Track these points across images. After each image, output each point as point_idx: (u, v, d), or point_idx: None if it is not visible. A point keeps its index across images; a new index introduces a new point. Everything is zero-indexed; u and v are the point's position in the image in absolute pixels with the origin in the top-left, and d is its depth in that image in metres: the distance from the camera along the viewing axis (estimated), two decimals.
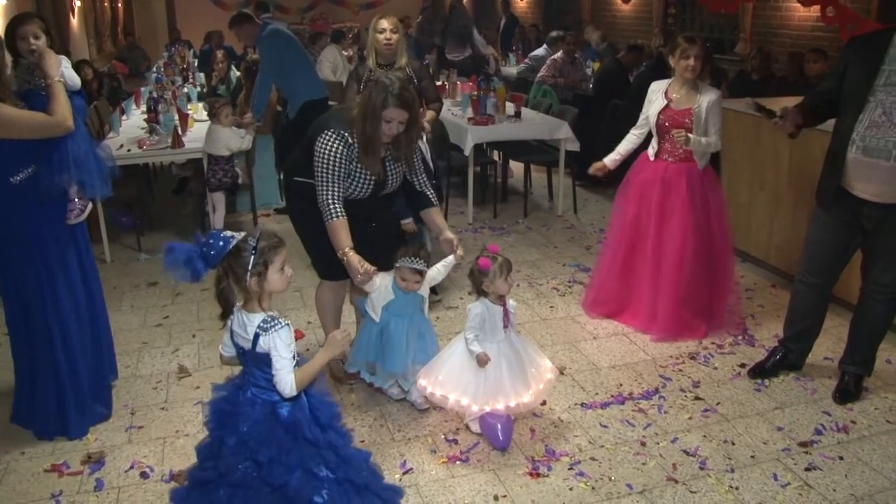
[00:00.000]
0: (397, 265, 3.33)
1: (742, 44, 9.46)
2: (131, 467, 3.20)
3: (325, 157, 3.29)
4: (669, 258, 4.22)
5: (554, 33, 9.50)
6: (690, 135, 4.05)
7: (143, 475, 3.15)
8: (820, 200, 3.57)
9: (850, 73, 3.33)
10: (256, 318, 2.39)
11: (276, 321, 2.39)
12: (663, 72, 4.46)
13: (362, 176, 3.37)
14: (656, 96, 4.24)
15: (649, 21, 11.44)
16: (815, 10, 8.05)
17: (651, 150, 4.31)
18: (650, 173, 4.28)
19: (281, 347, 2.36)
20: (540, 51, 9.61)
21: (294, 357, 2.42)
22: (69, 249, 3.35)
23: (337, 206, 3.29)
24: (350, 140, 3.30)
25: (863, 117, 3.27)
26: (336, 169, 3.29)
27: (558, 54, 8.65)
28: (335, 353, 2.54)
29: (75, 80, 3.39)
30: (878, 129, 3.24)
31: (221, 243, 2.34)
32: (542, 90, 8.09)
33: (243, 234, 2.42)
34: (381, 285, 3.37)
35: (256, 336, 2.37)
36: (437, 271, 3.46)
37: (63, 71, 3.25)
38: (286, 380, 2.37)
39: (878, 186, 3.30)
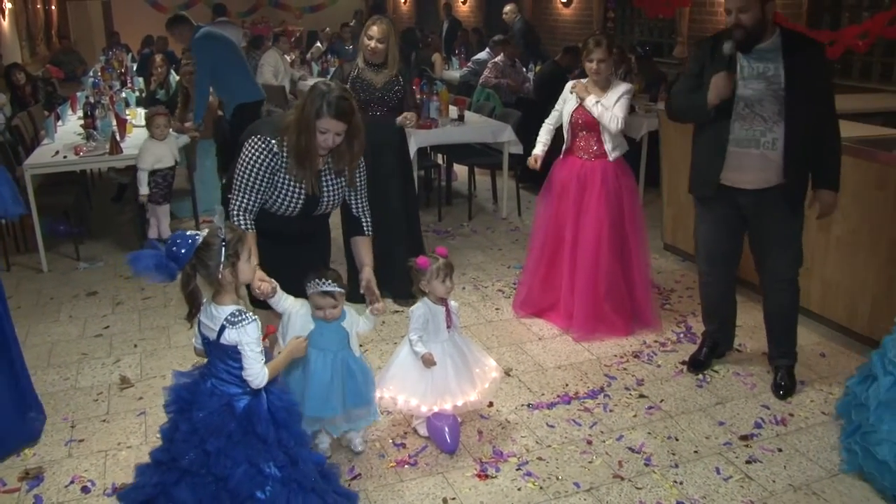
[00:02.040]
0: (308, 293, 2.99)
1: (680, 47, 9.67)
2: (72, 482, 3.12)
3: (245, 164, 3.02)
4: (585, 255, 4.31)
5: (496, 37, 9.56)
6: (588, 97, 4.17)
7: (85, 490, 3.07)
8: (700, 194, 3.72)
9: (710, 71, 3.48)
10: (225, 311, 2.42)
11: (244, 315, 2.42)
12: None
13: (290, 189, 3.07)
14: (570, 95, 4.33)
15: (590, 24, 11.60)
16: None
17: (563, 149, 4.43)
18: (566, 172, 4.40)
19: (250, 342, 2.41)
20: (482, 54, 9.66)
21: (261, 351, 2.46)
22: None
23: (244, 218, 3.03)
24: (277, 149, 3.01)
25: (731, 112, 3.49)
26: (253, 178, 3.01)
27: (499, 57, 8.73)
28: (295, 356, 2.73)
29: None
30: (745, 121, 3.47)
31: (190, 241, 2.37)
32: (485, 93, 8.14)
33: (206, 230, 2.45)
34: (293, 310, 3.02)
35: (223, 328, 2.40)
36: (363, 323, 3.16)
37: None
38: (260, 372, 2.43)
39: (751, 174, 3.51)
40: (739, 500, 3.01)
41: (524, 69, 9.28)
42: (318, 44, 12.65)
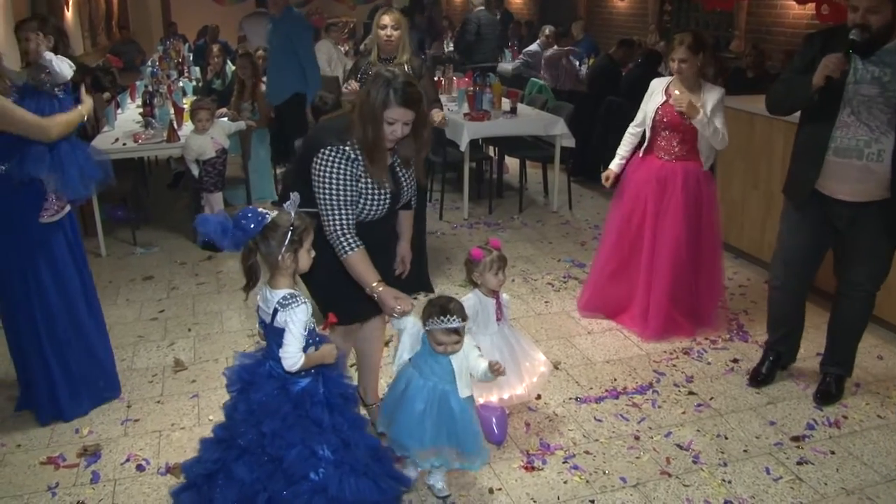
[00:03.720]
0: (427, 328, 2.77)
1: (737, 41, 9.49)
2: (127, 460, 3.21)
3: (328, 181, 2.77)
4: (663, 258, 4.21)
5: (547, 30, 9.52)
6: (699, 109, 3.92)
7: (140, 468, 3.16)
8: (793, 199, 3.54)
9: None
10: (279, 294, 2.45)
11: (296, 299, 2.45)
12: (654, 68, 4.44)
13: (376, 191, 2.86)
14: (656, 92, 4.17)
15: (645, 17, 11.46)
16: (809, 8, 8.09)
17: (643, 147, 4.28)
18: (644, 172, 4.24)
19: (295, 323, 2.42)
20: (534, 46, 9.63)
21: (304, 336, 2.46)
22: (55, 239, 3.36)
23: (350, 235, 2.79)
24: (353, 154, 2.78)
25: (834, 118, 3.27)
26: (343, 193, 2.78)
27: (552, 49, 8.70)
28: (326, 362, 2.56)
29: (63, 71, 3.35)
30: (848, 129, 3.24)
31: (260, 218, 2.40)
32: (537, 86, 8.11)
33: (276, 211, 2.47)
34: (406, 326, 2.84)
35: (276, 311, 2.44)
36: (479, 365, 2.81)
37: (51, 61, 3.30)
38: (295, 355, 2.44)
39: (850, 185, 3.29)
40: (789, 501, 2.96)
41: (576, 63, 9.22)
42: (372, 35, 12.71)
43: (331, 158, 2.77)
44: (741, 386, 3.80)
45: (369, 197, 2.86)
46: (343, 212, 2.79)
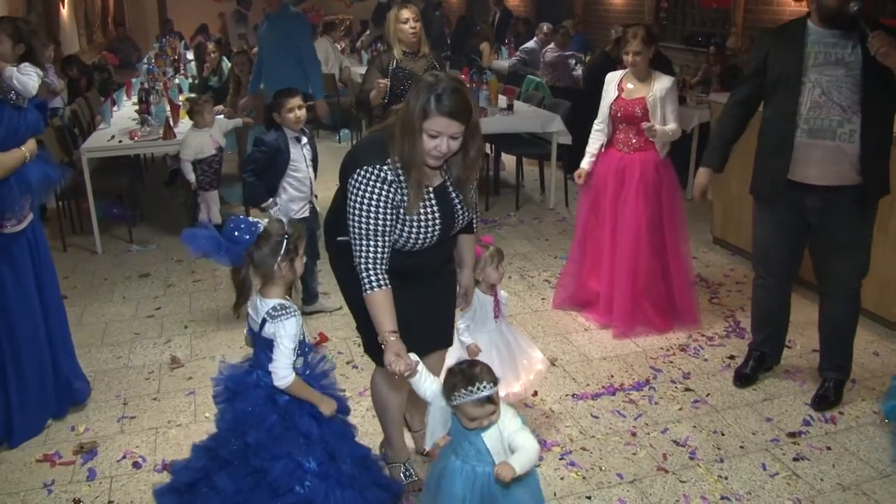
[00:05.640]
0: (454, 405, 2.30)
1: (734, 38, 9.48)
2: (123, 457, 3.21)
3: (359, 207, 2.43)
4: (624, 251, 4.24)
5: (545, 27, 9.52)
6: (657, 126, 4.07)
7: (136, 465, 3.16)
8: (765, 195, 3.50)
9: (773, 62, 3.32)
10: (269, 304, 2.40)
11: (286, 310, 2.39)
12: (654, 64, 4.44)
13: (423, 216, 2.51)
14: (610, 87, 4.25)
15: (641, 15, 11.45)
16: (805, 5, 8.06)
17: (605, 142, 4.34)
18: (605, 165, 4.31)
19: (285, 337, 2.36)
20: (531, 44, 9.62)
21: (296, 349, 2.40)
22: (19, 254, 3.24)
23: (376, 271, 2.44)
24: (392, 175, 2.42)
25: (803, 100, 3.25)
26: (374, 221, 2.42)
27: (551, 46, 8.70)
28: (322, 410, 2.45)
29: (27, 87, 3.10)
30: (821, 109, 3.23)
31: (252, 228, 2.35)
32: (534, 83, 8.10)
33: (266, 220, 2.42)
34: (433, 397, 2.43)
35: (264, 321, 2.39)
36: (519, 440, 2.32)
37: (11, 78, 3.08)
38: (285, 370, 2.37)
39: (823, 167, 3.27)
40: (786, 497, 2.97)
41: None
42: (368, 32, 12.71)
43: (364, 181, 2.43)
44: None
45: (416, 224, 2.51)
46: (372, 242, 2.44)
